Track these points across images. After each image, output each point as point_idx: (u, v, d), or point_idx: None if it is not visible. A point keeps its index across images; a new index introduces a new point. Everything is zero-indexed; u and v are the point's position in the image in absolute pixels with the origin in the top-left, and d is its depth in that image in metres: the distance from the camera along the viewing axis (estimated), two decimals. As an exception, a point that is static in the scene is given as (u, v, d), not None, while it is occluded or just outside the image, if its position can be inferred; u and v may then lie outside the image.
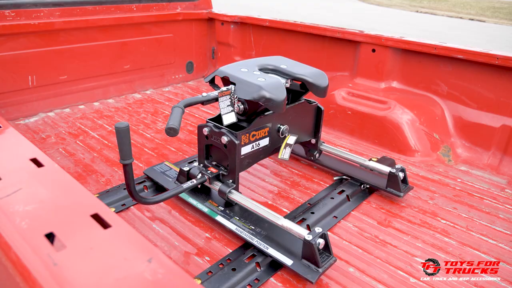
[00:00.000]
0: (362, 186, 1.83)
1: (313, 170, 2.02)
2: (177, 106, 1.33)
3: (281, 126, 1.67)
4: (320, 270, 1.25)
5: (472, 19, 16.01)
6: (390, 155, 2.18)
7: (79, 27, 2.59)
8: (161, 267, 0.44)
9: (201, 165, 1.65)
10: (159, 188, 1.77)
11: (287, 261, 1.29)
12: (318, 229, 1.29)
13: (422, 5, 19.55)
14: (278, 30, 2.89)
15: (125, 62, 2.91)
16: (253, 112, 1.57)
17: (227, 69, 1.56)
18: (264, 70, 1.64)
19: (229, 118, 1.47)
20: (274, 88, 1.46)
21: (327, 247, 1.30)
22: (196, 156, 2.03)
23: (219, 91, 1.44)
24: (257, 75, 1.54)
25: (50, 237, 0.50)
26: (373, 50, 2.40)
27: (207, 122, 1.57)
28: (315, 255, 1.25)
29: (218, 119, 1.57)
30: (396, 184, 1.71)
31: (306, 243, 1.25)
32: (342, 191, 1.78)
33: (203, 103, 1.43)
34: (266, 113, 1.59)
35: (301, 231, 1.30)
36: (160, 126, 2.46)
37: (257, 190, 1.83)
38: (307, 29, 2.68)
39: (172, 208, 1.65)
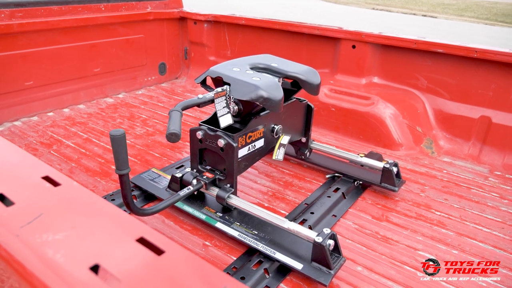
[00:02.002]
0: (355, 182, 1.82)
1: (304, 169, 1.99)
2: (175, 110, 1.26)
3: (275, 126, 1.63)
4: (332, 272, 1.22)
5: (425, 15, 16.73)
6: (375, 150, 2.20)
7: (44, 29, 2.42)
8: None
9: (194, 170, 1.57)
10: (148, 197, 1.67)
11: (297, 265, 1.25)
12: (326, 230, 1.26)
13: (377, 2, 20.19)
14: (254, 28, 2.85)
15: (94, 65, 2.75)
16: (247, 113, 1.52)
17: (219, 69, 1.49)
18: (256, 69, 1.59)
19: (226, 120, 1.41)
20: (271, 87, 1.41)
21: (336, 247, 1.28)
22: (183, 161, 1.95)
23: (214, 92, 1.38)
24: (251, 74, 1.49)
25: (96, 269, 0.43)
26: (353, 46, 2.41)
27: (200, 125, 1.50)
28: (327, 257, 1.21)
29: (210, 121, 1.51)
30: (390, 179, 1.72)
31: (317, 245, 1.22)
32: (337, 188, 1.77)
33: (199, 105, 1.36)
34: (261, 114, 1.54)
35: (309, 233, 1.26)
36: (139, 131, 2.34)
37: (251, 192, 1.77)
38: (285, 26, 2.65)
39: (165, 218, 1.56)
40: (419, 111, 2.30)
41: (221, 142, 1.41)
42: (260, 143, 1.57)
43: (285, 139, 1.67)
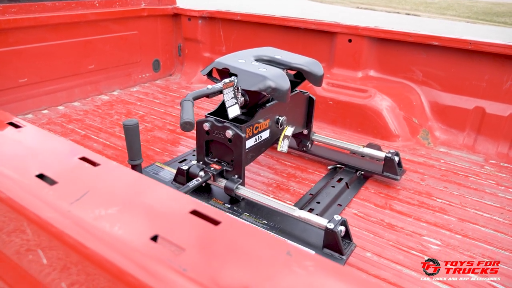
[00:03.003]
0: (357, 172, 1.85)
1: (306, 161, 2.01)
2: (186, 100, 1.26)
3: (280, 118, 1.64)
4: (344, 257, 1.25)
5: (408, 14, 16.98)
6: (373, 141, 2.24)
7: (38, 25, 2.38)
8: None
9: (201, 162, 1.57)
10: (153, 191, 1.67)
11: (310, 252, 1.27)
12: (337, 217, 1.28)
13: (362, 1, 20.41)
14: (250, 24, 2.86)
15: (89, 62, 2.72)
16: (253, 104, 1.53)
17: (225, 61, 1.50)
18: (260, 60, 1.60)
19: (234, 111, 1.42)
20: (278, 77, 1.42)
21: (347, 234, 1.30)
22: (185, 155, 1.95)
23: (222, 82, 1.38)
24: (257, 65, 1.50)
25: (156, 240, 0.44)
26: (350, 40, 2.44)
27: (206, 117, 1.50)
28: (339, 243, 1.24)
29: (216, 113, 1.51)
30: (392, 168, 1.75)
31: (329, 231, 1.24)
32: (341, 179, 1.79)
33: (208, 96, 1.37)
34: (267, 105, 1.55)
35: (320, 220, 1.28)
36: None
37: (255, 184, 1.78)
38: (281, 21, 2.67)
39: (172, 210, 1.56)
40: (415, 103, 2.34)
41: (229, 133, 1.42)
42: (266, 134, 1.59)
43: (289, 130, 1.69)
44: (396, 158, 1.77)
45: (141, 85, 3.11)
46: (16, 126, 0.75)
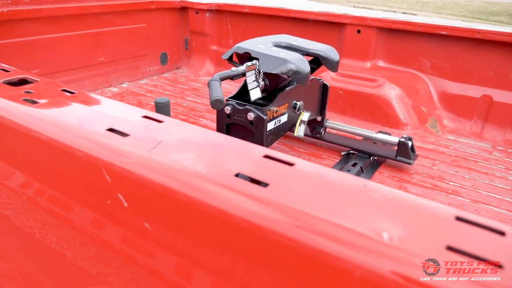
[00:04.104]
0: (371, 158, 1.89)
1: (318, 148, 2.05)
2: (214, 80, 1.29)
3: (297, 103, 1.68)
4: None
5: (405, 13, 17.09)
6: (382, 130, 2.28)
7: (50, 16, 2.40)
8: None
9: (221, 146, 1.60)
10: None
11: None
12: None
13: (358, 0, 20.52)
14: (258, 16, 2.89)
15: (99, 54, 2.74)
16: (273, 88, 1.56)
17: (246, 45, 1.53)
18: (279, 46, 1.64)
19: (255, 93, 1.45)
20: (299, 61, 1.46)
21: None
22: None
23: (245, 65, 1.42)
24: (276, 50, 1.54)
25: (239, 176, 0.47)
26: (358, 31, 2.48)
27: (227, 100, 1.53)
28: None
29: (236, 97, 1.55)
30: (406, 153, 1.80)
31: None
32: (355, 163, 1.83)
33: (232, 78, 1.40)
34: (286, 89, 1.59)
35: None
36: (151, 117, 2.35)
37: (271, 170, 1.82)
38: (290, 13, 2.70)
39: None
40: (423, 92, 2.39)
41: (251, 116, 1.45)
42: (284, 118, 1.62)
43: (305, 115, 1.73)
44: (409, 143, 1.81)
45: (149, 78, 3.13)
46: (70, 92, 0.78)
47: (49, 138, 0.61)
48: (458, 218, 0.42)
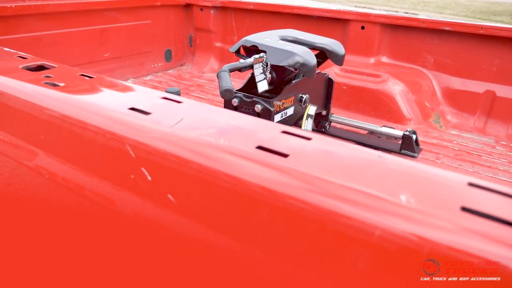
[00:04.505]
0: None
1: (323, 142, 2.07)
2: (223, 71, 1.31)
3: (303, 96, 1.70)
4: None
5: (407, 13, 17.10)
6: (386, 125, 2.30)
7: (56, 12, 2.42)
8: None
9: (228, 138, 1.63)
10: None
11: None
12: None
13: (359, 0, 20.55)
14: (262, 12, 2.91)
15: (104, 50, 2.77)
16: (280, 81, 1.58)
17: (253, 39, 1.55)
18: (285, 40, 1.66)
19: (263, 85, 1.47)
20: (306, 53, 1.48)
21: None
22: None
23: (253, 58, 1.44)
24: (283, 43, 1.56)
25: (260, 148, 0.49)
26: (362, 27, 2.50)
27: (235, 93, 1.55)
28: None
29: (242, 91, 1.57)
30: (410, 146, 1.82)
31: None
32: (360, 156, 1.85)
33: (240, 69, 1.42)
34: (292, 82, 1.61)
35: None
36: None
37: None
38: (294, 10, 2.73)
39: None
40: (427, 88, 2.41)
41: (258, 108, 1.48)
42: (290, 111, 1.64)
43: (312, 109, 1.75)
44: (414, 136, 1.83)
45: (153, 74, 3.16)
46: (89, 76, 0.80)
47: (72, 118, 0.63)
48: (471, 184, 0.44)
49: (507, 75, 2.19)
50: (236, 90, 1.56)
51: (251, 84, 1.56)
